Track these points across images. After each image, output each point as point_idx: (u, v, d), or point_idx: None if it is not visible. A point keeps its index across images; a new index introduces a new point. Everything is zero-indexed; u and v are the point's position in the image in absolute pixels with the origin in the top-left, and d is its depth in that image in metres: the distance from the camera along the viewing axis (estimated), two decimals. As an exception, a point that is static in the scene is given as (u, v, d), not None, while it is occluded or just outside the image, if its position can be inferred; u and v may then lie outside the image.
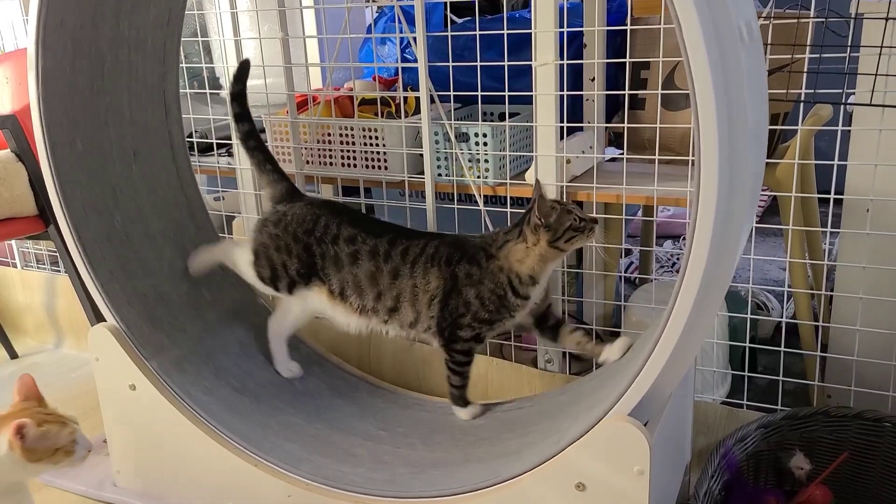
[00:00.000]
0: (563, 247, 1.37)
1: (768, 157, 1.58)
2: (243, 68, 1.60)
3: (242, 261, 1.56)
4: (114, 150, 1.55)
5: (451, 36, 1.72)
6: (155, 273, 1.57)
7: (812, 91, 1.44)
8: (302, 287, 1.52)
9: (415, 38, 1.64)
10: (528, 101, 1.58)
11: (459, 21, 2.29)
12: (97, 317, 1.50)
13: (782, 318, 2.02)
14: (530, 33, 1.52)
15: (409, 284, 1.43)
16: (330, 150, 1.87)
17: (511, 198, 1.70)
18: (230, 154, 2.04)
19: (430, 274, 1.42)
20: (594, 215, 1.40)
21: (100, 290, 1.44)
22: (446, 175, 1.74)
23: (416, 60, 1.65)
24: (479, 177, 1.71)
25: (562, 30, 1.51)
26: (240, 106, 1.60)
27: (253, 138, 1.61)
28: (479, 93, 1.63)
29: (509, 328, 1.50)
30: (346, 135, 1.84)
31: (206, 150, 2.11)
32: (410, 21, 1.70)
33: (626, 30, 1.64)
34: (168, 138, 1.68)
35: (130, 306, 1.48)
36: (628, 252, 2.67)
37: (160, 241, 1.62)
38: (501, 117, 1.82)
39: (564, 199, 1.44)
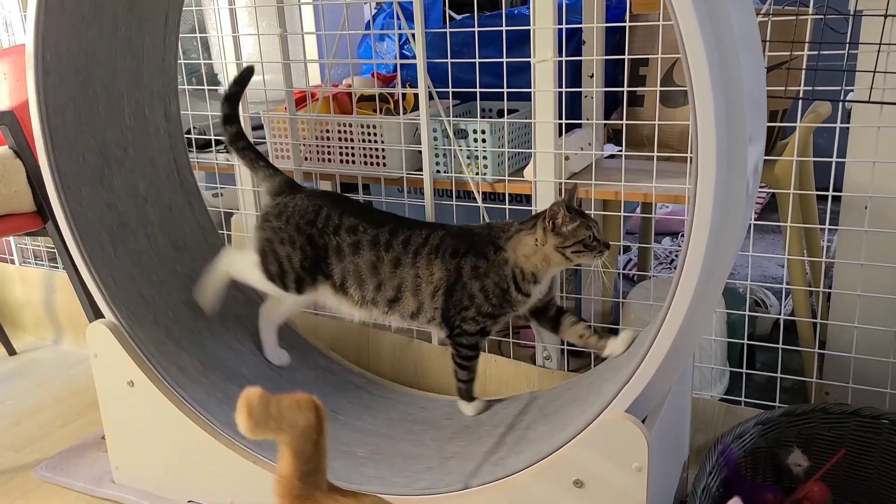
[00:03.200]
0: (569, 255, 1.37)
1: (767, 154, 1.58)
2: (246, 74, 1.60)
3: (246, 264, 1.52)
4: (112, 147, 1.54)
5: (450, 32, 1.72)
6: (153, 269, 1.57)
7: (811, 88, 1.44)
8: (310, 285, 1.49)
9: (413, 35, 1.63)
10: (527, 97, 1.58)
11: (458, 17, 2.28)
12: (95, 313, 1.50)
13: (780, 314, 2.02)
14: (529, 30, 1.52)
15: (412, 274, 1.43)
16: (328, 147, 1.87)
17: (509, 194, 1.70)
18: (228, 150, 2.04)
19: (434, 265, 1.42)
20: (608, 241, 1.40)
21: (98, 287, 1.44)
22: (445, 172, 1.74)
23: (414, 57, 1.65)
24: (477, 173, 1.71)
25: (560, 26, 1.51)
26: (230, 108, 1.59)
27: (242, 139, 1.60)
28: (478, 89, 1.63)
29: (508, 319, 1.50)
30: (345, 131, 1.83)
31: (204, 146, 2.11)
32: (409, 17, 1.70)
33: (624, 26, 1.64)
34: (166, 134, 1.68)
35: (128, 302, 1.48)
36: (627, 249, 2.67)
37: (158, 238, 1.62)
38: (500, 114, 1.82)
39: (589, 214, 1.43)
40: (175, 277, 1.61)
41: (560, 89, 1.54)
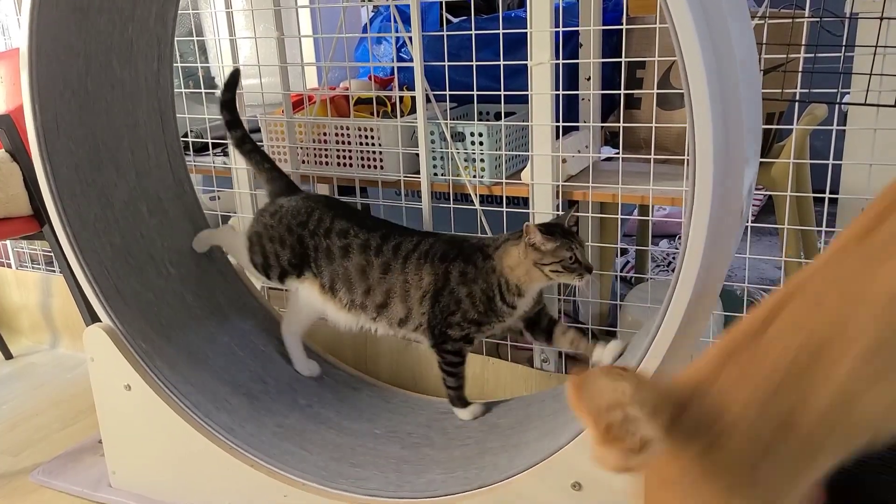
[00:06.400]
0: (547, 273, 1.35)
1: (764, 157, 1.58)
2: (234, 77, 1.64)
3: (239, 247, 1.60)
4: (108, 150, 1.54)
5: (447, 35, 1.72)
6: (150, 273, 1.57)
7: (807, 90, 1.44)
8: (294, 278, 1.53)
9: (410, 38, 1.64)
10: (524, 100, 1.58)
11: (455, 20, 2.29)
12: (92, 317, 1.50)
13: (778, 316, 2.02)
14: (526, 33, 1.52)
15: (401, 280, 1.43)
16: (326, 150, 1.87)
17: (507, 197, 1.70)
18: (225, 154, 2.04)
19: (424, 270, 1.42)
20: (590, 265, 1.38)
21: (95, 291, 1.43)
22: (442, 175, 1.74)
23: (411, 60, 1.65)
24: (475, 176, 1.71)
25: (557, 29, 1.51)
26: (230, 113, 1.64)
27: (248, 142, 1.65)
28: (475, 92, 1.63)
29: (498, 332, 1.50)
30: (342, 134, 1.83)
31: (201, 149, 2.11)
32: (406, 20, 1.70)
33: (621, 29, 1.65)
34: (163, 138, 1.68)
35: (125, 306, 1.47)
36: (624, 251, 2.67)
37: (155, 241, 1.61)
38: (497, 117, 1.82)
39: (573, 230, 1.40)
40: (171, 281, 1.61)
41: (557, 92, 1.55)
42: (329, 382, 1.70)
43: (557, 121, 1.57)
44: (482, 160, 1.69)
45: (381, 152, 1.79)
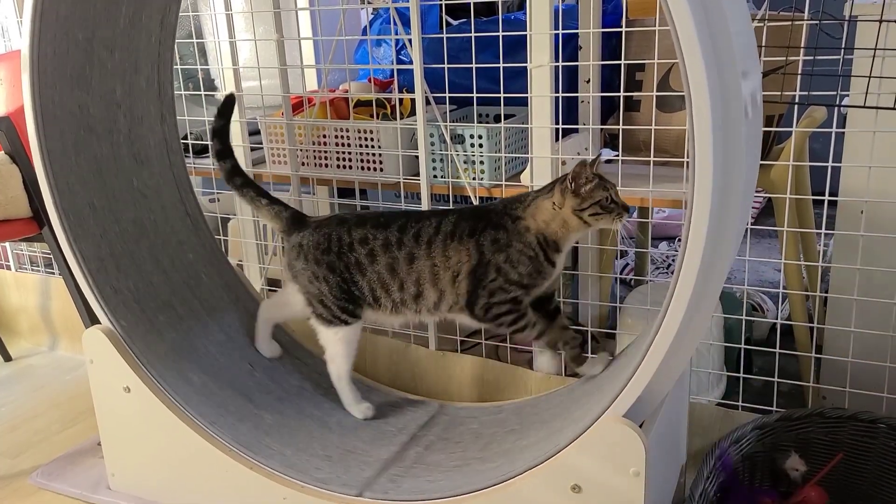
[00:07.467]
0: (587, 219, 1.33)
1: (763, 159, 1.58)
2: (228, 103, 1.56)
3: (293, 301, 1.53)
4: (108, 152, 1.54)
5: (447, 38, 1.73)
6: (149, 275, 1.57)
7: (806, 93, 1.45)
8: (357, 308, 1.48)
9: (410, 40, 1.64)
10: (524, 102, 1.58)
11: (455, 23, 2.29)
12: (91, 319, 1.50)
13: (777, 319, 2.02)
14: (525, 35, 1.52)
15: (428, 265, 1.40)
16: (325, 152, 1.87)
17: (506, 199, 1.70)
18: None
19: (450, 249, 1.38)
20: (626, 204, 1.36)
21: (94, 293, 1.43)
22: (442, 177, 1.74)
23: (411, 62, 1.66)
24: (474, 178, 1.71)
25: (557, 32, 1.51)
26: (221, 142, 1.55)
27: (238, 175, 1.56)
28: (475, 94, 1.63)
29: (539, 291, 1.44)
30: (342, 136, 1.84)
31: (201, 151, 2.11)
32: (406, 23, 1.70)
33: (621, 32, 1.65)
34: (163, 140, 1.68)
35: (125, 308, 1.47)
36: (624, 254, 2.67)
37: (155, 243, 1.61)
38: (497, 119, 1.82)
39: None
40: (171, 283, 1.61)
41: (557, 94, 1.55)
42: (328, 384, 1.70)
43: (557, 123, 1.57)
44: (482, 162, 1.69)
45: (380, 154, 1.80)
